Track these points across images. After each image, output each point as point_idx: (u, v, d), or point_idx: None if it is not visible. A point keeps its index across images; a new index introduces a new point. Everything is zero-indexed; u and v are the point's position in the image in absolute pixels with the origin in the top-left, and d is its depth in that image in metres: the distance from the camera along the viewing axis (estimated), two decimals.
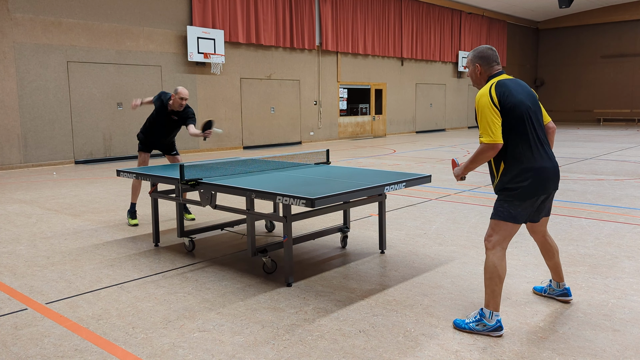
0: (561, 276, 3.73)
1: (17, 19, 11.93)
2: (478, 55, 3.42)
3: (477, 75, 3.44)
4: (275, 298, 3.90)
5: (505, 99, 3.19)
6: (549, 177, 3.26)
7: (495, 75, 3.37)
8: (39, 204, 7.81)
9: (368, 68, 21.07)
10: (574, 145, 16.17)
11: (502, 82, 3.27)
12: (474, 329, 3.27)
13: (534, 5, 26.75)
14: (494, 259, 3.26)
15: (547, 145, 3.34)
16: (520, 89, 3.29)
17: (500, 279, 3.25)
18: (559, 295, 3.75)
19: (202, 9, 15.23)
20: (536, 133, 3.27)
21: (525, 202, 3.24)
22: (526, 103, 3.25)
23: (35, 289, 4.16)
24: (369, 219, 6.46)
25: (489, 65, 3.40)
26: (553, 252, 3.66)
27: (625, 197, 7.61)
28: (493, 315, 3.25)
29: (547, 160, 3.28)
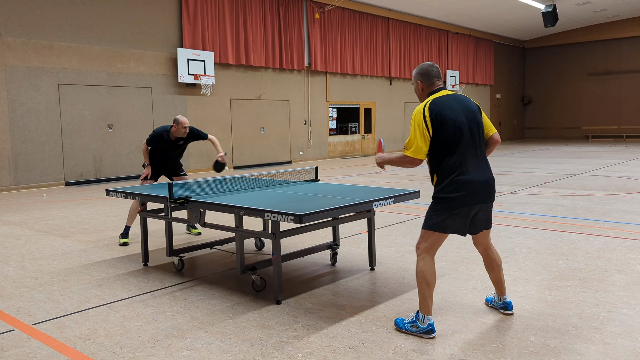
0: (502, 290, 3.80)
1: (9, 43, 11.96)
2: (419, 72, 3.61)
3: (419, 91, 3.63)
4: (265, 316, 3.87)
5: (436, 116, 3.35)
6: (477, 189, 3.39)
7: (435, 91, 3.55)
8: (28, 225, 7.74)
9: (357, 87, 21.25)
10: (563, 161, 16.31)
11: (437, 99, 3.44)
12: (409, 330, 3.46)
13: (520, 24, 27.20)
14: (422, 265, 3.43)
15: (481, 158, 3.48)
16: (455, 104, 3.44)
17: (429, 284, 3.41)
18: (500, 308, 3.83)
19: (192, 31, 15.36)
20: (470, 147, 3.41)
21: (452, 212, 3.37)
22: (459, 119, 3.39)
23: (22, 310, 4.11)
24: (358, 236, 6.45)
25: (429, 81, 3.57)
26: (495, 265, 3.74)
27: (615, 211, 7.66)
28: (425, 318, 3.42)
29: (479, 173, 3.41)
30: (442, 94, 3.49)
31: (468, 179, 3.35)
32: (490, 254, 3.73)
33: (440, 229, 3.40)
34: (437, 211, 3.40)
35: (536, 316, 3.74)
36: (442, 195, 3.38)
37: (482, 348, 3.25)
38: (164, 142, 6.46)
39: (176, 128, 6.35)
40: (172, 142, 6.49)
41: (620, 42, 28.67)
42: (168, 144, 6.49)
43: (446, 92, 3.52)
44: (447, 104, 3.41)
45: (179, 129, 6.34)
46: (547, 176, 12.35)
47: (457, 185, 3.34)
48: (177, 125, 6.33)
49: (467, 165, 3.37)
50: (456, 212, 3.37)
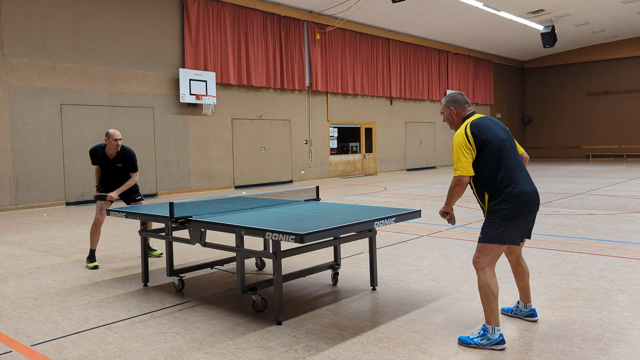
0: (529, 297, 4.00)
1: (12, 64, 12.07)
2: (452, 100, 3.84)
3: (453, 118, 3.84)
4: (265, 337, 3.83)
5: (479, 135, 3.56)
6: (529, 199, 3.58)
7: (469, 115, 3.77)
8: (28, 245, 7.72)
9: (358, 107, 21.36)
10: (565, 180, 16.30)
11: (475, 121, 3.65)
12: (480, 344, 3.51)
13: (519, 45, 27.43)
14: (485, 278, 3.55)
15: (525, 171, 3.69)
16: (493, 125, 3.66)
17: (495, 296, 3.52)
18: (526, 316, 4.00)
19: (194, 52, 15.49)
20: (514, 161, 3.62)
21: (509, 223, 3.53)
22: (501, 136, 3.61)
23: (20, 331, 4.07)
24: (360, 255, 6.42)
25: (462, 107, 3.81)
26: (524, 273, 3.95)
27: (617, 231, 7.63)
28: (495, 330, 3.51)
29: (527, 184, 3.61)
30: (477, 117, 3.72)
31: (521, 191, 3.55)
32: (522, 262, 3.94)
33: (500, 240, 3.53)
34: (495, 224, 3.54)
35: (539, 337, 3.70)
36: (500, 207, 3.53)
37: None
38: (104, 160, 6.25)
39: (108, 142, 6.15)
40: (109, 161, 6.28)
41: (619, 62, 28.87)
42: (108, 164, 6.28)
43: (480, 115, 3.75)
44: (485, 124, 3.62)
45: (110, 142, 6.13)
46: (548, 195, 12.33)
47: (513, 197, 3.51)
48: (108, 139, 6.13)
49: (517, 177, 3.57)
50: (514, 223, 3.54)
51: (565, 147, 31.25)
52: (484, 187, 3.61)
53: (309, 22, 18.91)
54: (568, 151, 31.19)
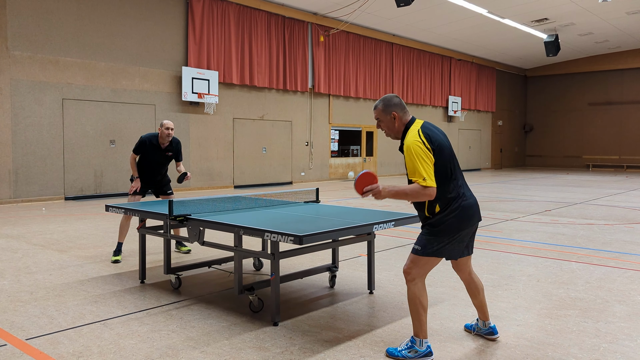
0: (486, 315, 3.80)
1: (15, 57, 12.07)
2: (392, 104, 3.48)
3: (394, 124, 3.48)
4: (261, 337, 3.82)
5: (433, 141, 3.31)
6: (474, 212, 3.44)
7: (411, 121, 3.47)
8: (26, 239, 7.71)
9: (359, 110, 21.36)
10: (564, 190, 16.30)
11: (424, 125, 3.40)
12: (407, 356, 3.39)
13: (522, 53, 27.45)
14: (415, 290, 3.40)
15: (464, 182, 3.50)
16: (438, 132, 3.45)
17: (424, 308, 3.41)
18: (486, 334, 3.80)
19: (197, 50, 15.50)
20: (459, 172, 3.45)
21: (453, 237, 3.36)
22: (448, 144, 3.43)
23: (16, 325, 4.06)
24: (358, 259, 6.41)
25: (403, 112, 3.48)
26: (478, 290, 3.74)
27: (616, 241, 7.62)
28: (423, 342, 3.40)
29: (471, 195, 3.48)
30: (421, 122, 3.45)
31: (470, 203, 3.41)
32: (474, 278, 3.74)
33: (439, 254, 3.38)
34: (437, 237, 3.35)
35: (536, 345, 3.69)
36: (446, 219, 3.33)
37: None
38: (153, 148, 6.47)
39: (160, 131, 6.43)
40: (161, 150, 6.51)
41: (621, 73, 28.90)
42: (157, 151, 6.50)
43: (420, 120, 3.48)
44: (433, 131, 3.40)
45: (162, 131, 6.40)
46: (547, 204, 12.33)
47: (461, 210, 3.35)
48: (161, 128, 6.41)
49: (464, 188, 3.44)
50: (456, 235, 3.37)
51: (566, 156, 31.26)
52: (438, 199, 3.33)
53: (313, 24, 18.93)
54: (568, 160, 31.20)
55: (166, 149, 6.54)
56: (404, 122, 3.47)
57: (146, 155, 6.51)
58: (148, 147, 6.47)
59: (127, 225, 6.43)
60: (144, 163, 6.57)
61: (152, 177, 6.65)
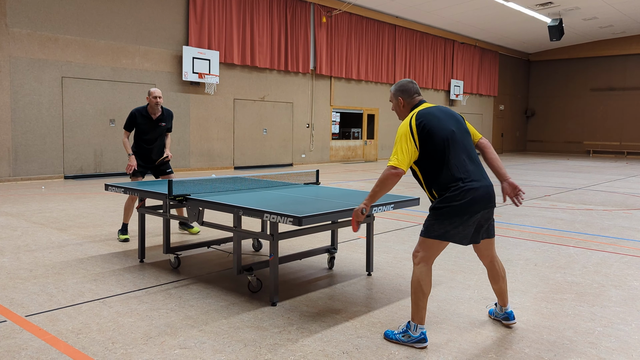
0: (505, 301, 3.78)
1: (14, 34, 11.97)
2: (400, 89, 3.61)
3: (400, 108, 3.63)
4: (259, 317, 3.85)
5: (423, 127, 3.34)
6: (479, 196, 3.34)
7: (417, 105, 3.56)
8: (25, 217, 7.72)
9: (361, 93, 21.26)
10: (564, 175, 16.30)
11: (422, 111, 3.44)
12: (400, 340, 3.40)
13: (525, 37, 27.24)
14: (418, 274, 3.38)
15: (477, 164, 3.44)
16: (442, 115, 3.44)
17: (424, 294, 3.37)
18: (502, 319, 3.79)
19: (198, 30, 15.37)
20: (462, 154, 3.38)
21: (454, 221, 3.31)
22: (448, 127, 3.40)
23: (15, 302, 4.09)
24: (357, 241, 6.43)
25: (410, 97, 3.58)
26: (499, 277, 3.71)
27: (614, 227, 7.65)
28: (417, 327, 3.38)
29: (478, 180, 3.37)
30: (425, 106, 3.50)
31: (469, 187, 3.31)
32: (496, 265, 3.69)
33: (443, 238, 3.35)
34: (439, 222, 3.33)
35: (532, 328, 3.72)
36: (445, 204, 3.31)
37: (477, 358, 3.23)
38: (144, 119, 6.33)
39: (149, 99, 6.31)
40: (152, 121, 6.38)
41: (625, 59, 28.70)
42: (149, 122, 6.36)
43: (429, 105, 3.52)
44: (432, 115, 3.41)
45: (150, 100, 6.28)
46: (547, 189, 12.34)
47: (459, 193, 3.29)
48: (149, 97, 6.30)
49: (465, 172, 3.34)
50: (459, 220, 3.31)
51: (567, 141, 31.20)
52: (431, 183, 3.39)
53: (316, 5, 18.75)
54: (569, 146, 31.14)
55: (158, 118, 6.40)
56: (410, 107, 3.59)
57: (139, 128, 6.37)
58: (139, 120, 6.33)
59: (132, 206, 6.38)
60: (138, 139, 6.44)
61: (149, 153, 6.50)
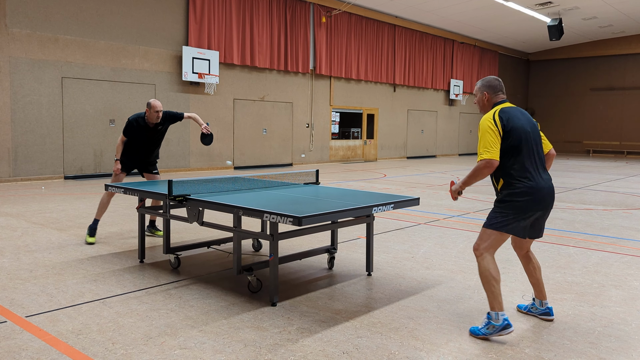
0: (543, 294, 3.88)
1: (14, 34, 11.97)
2: (486, 84, 3.81)
3: (484, 102, 3.81)
4: (259, 317, 3.85)
5: (507, 123, 3.52)
6: (542, 196, 3.53)
7: (499, 102, 3.73)
8: (25, 217, 7.72)
9: (360, 93, 21.26)
10: (564, 175, 16.30)
11: (505, 109, 3.63)
12: (486, 334, 3.48)
13: (525, 37, 27.23)
14: (484, 263, 3.53)
15: (543, 167, 3.63)
16: (521, 116, 3.65)
17: (497, 280, 3.50)
18: (542, 314, 3.88)
19: (198, 30, 15.37)
20: (534, 155, 3.57)
21: (518, 215, 3.49)
22: (526, 128, 3.59)
23: (15, 302, 4.09)
24: (356, 241, 6.43)
25: (495, 93, 3.78)
26: (535, 269, 3.86)
27: (613, 227, 7.65)
28: (499, 315, 3.47)
29: (542, 180, 3.56)
30: (507, 105, 3.70)
31: (536, 185, 3.51)
32: (532, 257, 3.87)
33: (502, 228, 3.51)
34: (503, 213, 3.53)
35: (532, 328, 3.72)
36: (512, 198, 3.50)
37: (477, 358, 3.23)
38: (141, 129, 6.29)
39: (149, 113, 6.22)
40: (149, 129, 6.34)
41: (625, 59, 28.70)
42: (145, 131, 6.32)
43: (510, 104, 3.70)
44: (514, 114, 3.61)
45: (151, 114, 6.20)
46: None
47: (526, 190, 3.48)
48: (150, 110, 6.21)
49: (533, 172, 3.53)
50: (522, 216, 3.50)
51: (566, 141, 31.19)
52: (501, 174, 3.57)
53: (315, 5, 18.74)
54: (569, 145, 31.14)
55: (156, 125, 6.34)
56: (492, 103, 3.76)
57: (134, 137, 6.34)
58: (135, 129, 6.30)
59: (108, 202, 6.33)
60: (132, 143, 6.42)
61: (140, 156, 6.48)
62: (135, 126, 6.28)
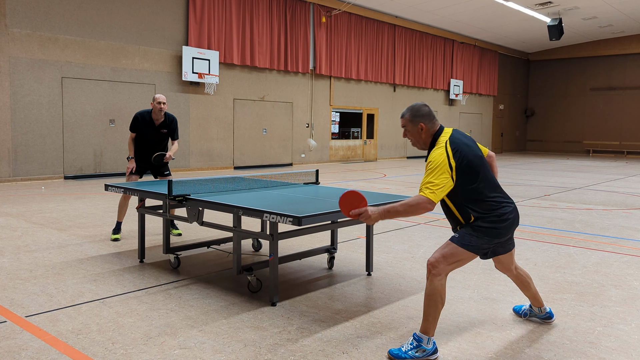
0: (540, 301, 3.78)
1: (14, 34, 11.97)
2: (421, 114, 3.34)
3: (420, 135, 3.36)
4: (259, 317, 3.85)
5: (461, 157, 3.17)
6: (514, 218, 3.34)
7: (439, 130, 3.34)
8: (25, 217, 7.72)
9: (360, 93, 21.26)
10: (564, 175, 16.31)
11: (452, 140, 3.25)
12: (414, 357, 3.17)
13: (525, 37, 27.24)
14: (439, 286, 3.19)
15: (499, 185, 3.39)
16: (467, 141, 3.31)
17: (443, 304, 3.22)
18: (543, 319, 3.80)
19: (198, 30, 15.37)
20: (490, 178, 3.33)
21: (493, 240, 3.27)
22: (478, 153, 3.31)
23: (15, 302, 4.09)
24: (356, 241, 6.44)
25: (431, 122, 3.34)
26: (528, 282, 3.71)
27: (613, 226, 7.65)
28: (430, 340, 3.22)
29: (509, 201, 3.36)
30: (449, 132, 3.33)
31: (508, 209, 3.29)
32: (521, 273, 3.68)
33: (475, 251, 3.24)
34: (480, 237, 3.23)
35: (532, 328, 3.72)
36: (490, 225, 3.23)
37: (477, 358, 3.23)
38: (146, 125, 6.37)
39: (153, 105, 6.32)
40: (155, 127, 6.40)
41: (624, 59, 28.70)
42: (151, 128, 6.39)
43: (449, 130, 3.36)
44: (462, 142, 3.26)
45: (154, 106, 6.29)
46: (546, 189, 12.34)
47: (502, 216, 3.25)
48: (153, 102, 6.30)
49: (500, 195, 3.33)
50: (498, 241, 3.31)
51: (566, 141, 31.20)
52: (471, 209, 3.25)
53: (315, 5, 18.75)
54: (569, 145, 31.14)
55: (160, 125, 6.43)
56: (432, 133, 3.35)
57: (141, 132, 6.42)
58: (141, 124, 6.37)
59: (126, 204, 6.44)
60: (140, 141, 6.49)
61: (149, 156, 6.54)
62: (140, 120, 6.36)
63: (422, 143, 3.38)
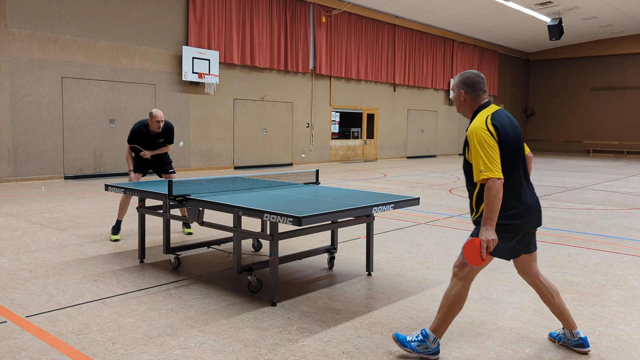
0: (570, 322, 3.33)
1: (14, 34, 11.97)
2: (463, 81, 3.21)
3: (460, 101, 3.24)
4: (259, 317, 3.85)
5: (501, 134, 3.03)
6: (534, 214, 3.17)
7: (484, 105, 3.19)
8: (25, 217, 7.72)
9: (360, 93, 21.26)
10: (564, 174, 16.30)
11: (496, 115, 3.10)
12: (414, 349, 3.18)
13: (525, 36, 27.24)
14: (461, 290, 3.13)
15: (529, 180, 3.24)
16: (509, 123, 3.14)
17: (458, 312, 3.17)
18: (575, 346, 3.34)
19: (198, 29, 15.37)
20: (523, 169, 3.18)
21: (510, 237, 3.11)
22: (516, 140, 3.12)
23: (15, 302, 4.09)
24: (357, 241, 6.43)
25: (474, 93, 3.19)
26: (551, 294, 3.32)
27: (614, 226, 7.65)
28: (436, 340, 3.19)
29: (532, 197, 3.18)
30: (494, 109, 3.16)
31: (528, 203, 3.12)
32: (541, 283, 3.33)
33: (494, 253, 3.10)
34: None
35: (532, 328, 3.72)
36: (504, 221, 3.06)
37: (477, 358, 3.23)
38: (144, 137, 6.43)
39: (151, 122, 6.36)
40: (151, 137, 6.47)
41: (624, 58, 28.70)
42: (148, 140, 6.46)
43: (496, 107, 3.19)
44: (506, 123, 3.10)
45: (152, 123, 6.34)
46: (547, 189, 12.34)
47: (519, 211, 3.09)
48: (151, 119, 6.34)
49: (524, 189, 3.15)
50: (515, 238, 3.12)
51: (566, 141, 31.20)
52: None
53: (315, 5, 18.74)
54: (569, 145, 31.14)
55: (157, 135, 6.51)
56: (474, 105, 3.20)
57: (142, 142, 6.48)
58: (143, 135, 6.44)
59: (127, 203, 6.46)
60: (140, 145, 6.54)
61: (149, 167, 6.67)
62: (138, 132, 6.42)
63: (462, 110, 3.28)
